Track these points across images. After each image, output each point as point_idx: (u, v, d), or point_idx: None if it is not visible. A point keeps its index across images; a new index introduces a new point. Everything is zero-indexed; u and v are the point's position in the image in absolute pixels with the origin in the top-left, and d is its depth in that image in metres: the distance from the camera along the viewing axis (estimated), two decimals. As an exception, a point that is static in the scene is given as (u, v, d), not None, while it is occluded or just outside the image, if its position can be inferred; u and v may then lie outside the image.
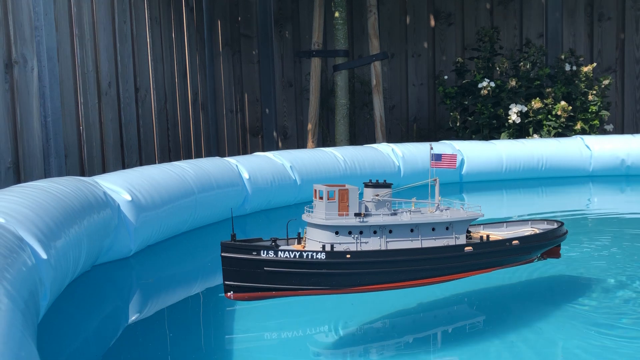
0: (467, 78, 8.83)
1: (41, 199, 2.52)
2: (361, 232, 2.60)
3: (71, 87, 5.27)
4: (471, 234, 2.99)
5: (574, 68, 8.46)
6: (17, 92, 4.60)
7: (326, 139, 9.80)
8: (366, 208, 2.67)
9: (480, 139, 7.84)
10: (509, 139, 7.83)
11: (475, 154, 6.88)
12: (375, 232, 2.62)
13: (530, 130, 8.10)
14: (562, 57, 8.57)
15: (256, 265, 2.43)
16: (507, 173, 6.94)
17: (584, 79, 8.32)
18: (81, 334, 2.40)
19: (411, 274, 2.65)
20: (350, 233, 2.59)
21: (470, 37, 9.95)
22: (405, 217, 2.68)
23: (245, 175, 5.04)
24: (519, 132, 8.21)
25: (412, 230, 2.69)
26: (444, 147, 6.82)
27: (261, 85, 9.40)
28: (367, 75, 9.41)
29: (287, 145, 10.10)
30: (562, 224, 3.15)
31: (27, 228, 2.20)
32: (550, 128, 8.02)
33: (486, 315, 2.85)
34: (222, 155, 7.87)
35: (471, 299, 3.08)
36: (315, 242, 2.59)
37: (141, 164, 6.47)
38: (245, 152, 9.73)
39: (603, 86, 8.37)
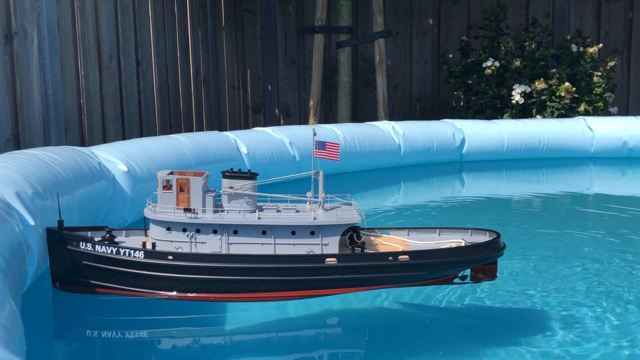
0: (472, 57, 8.76)
1: (32, 166, 2.54)
2: (198, 231, 2.21)
3: (72, 59, 5.27)
4: (362, 239, 2.37)
5: (581, 49, 8.37)
6: (17, 63, 4.60)
7: (328, 117, 9.77)
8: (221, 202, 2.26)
9: (483, 119, 7.80)
10: (512, 119, 7.79)
11: (476, 133, 6.85)
12: (215, 232, 2.22)
13: (534, 111, 8.05)
14: (569, 37, 8.47)
15: (76, 258, 2.21)
16: (508, 153, 6.92)
17: (589, 60, 8.24)
18: (66, 301, 2.44)
19: (254, 285, 2.22)
20: (184, 231, 2.21)
21: (476, 16, 9.85)
22: (253, 217, 2.25)
23: (244, 150, 5.05)
24: (522, 112, 8.16)
25: (264, 233, 2.26)
26: (443, 125, 6.80)
27: (264, 61, 9.36)
28: (370, 53, 9.35)
29: (290, 123, 10.08)
30: (498, 236, 2.40)
31: (15, 194, 2.22)
32: (554, 109, 7.97)
33: (364, 349, 2.18)
34: (224, 131, 7.86)
35: (348, 321, 2.37)
36: (151, 239, 2.26)
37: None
38: (246, 129, 9.72)
39: (608, 68, 8.29)
